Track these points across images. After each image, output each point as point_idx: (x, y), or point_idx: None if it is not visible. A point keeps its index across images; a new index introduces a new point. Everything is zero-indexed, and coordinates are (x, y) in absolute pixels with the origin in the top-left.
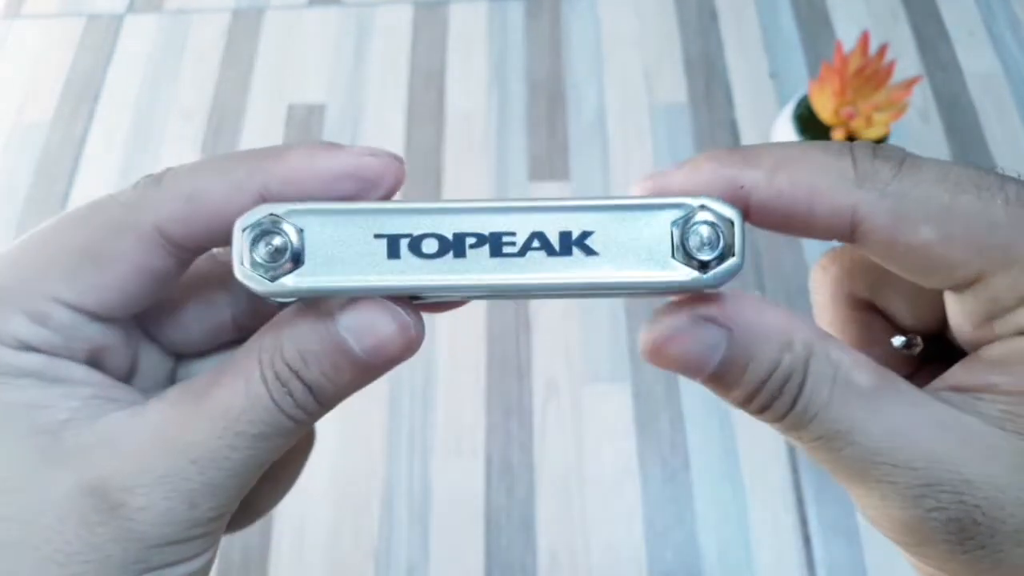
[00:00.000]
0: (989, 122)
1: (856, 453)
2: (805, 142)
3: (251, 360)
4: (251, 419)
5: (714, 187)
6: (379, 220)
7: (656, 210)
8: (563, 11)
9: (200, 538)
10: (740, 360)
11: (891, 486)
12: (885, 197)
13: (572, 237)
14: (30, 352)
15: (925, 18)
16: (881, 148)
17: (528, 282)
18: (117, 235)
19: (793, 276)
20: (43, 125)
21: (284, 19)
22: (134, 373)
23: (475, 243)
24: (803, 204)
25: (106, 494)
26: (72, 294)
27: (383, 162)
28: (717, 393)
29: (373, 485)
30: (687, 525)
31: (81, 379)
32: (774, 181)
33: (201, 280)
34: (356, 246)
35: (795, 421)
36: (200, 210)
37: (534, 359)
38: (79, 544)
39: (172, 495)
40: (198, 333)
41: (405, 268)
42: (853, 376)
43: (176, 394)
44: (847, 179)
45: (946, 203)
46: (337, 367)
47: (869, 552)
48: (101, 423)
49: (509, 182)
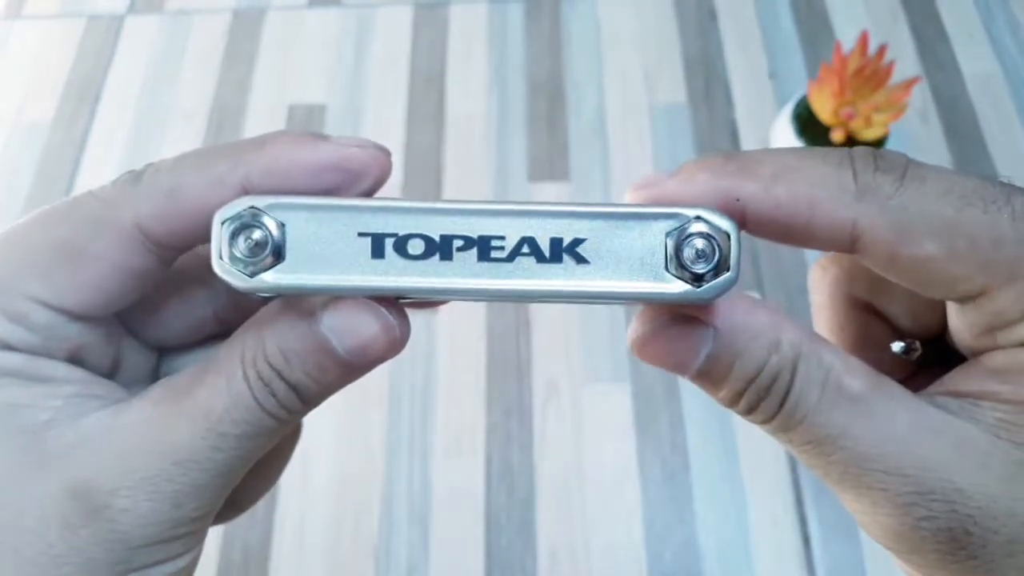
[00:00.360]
0: (988, 123)
1: (845, 458)
2: (803, 149)
3: (233, 359)
4: (234, 419)
5: (709, 199)
6: (364, 218)
7: (650, 219)
8: (563, 11)
9: (184, 537)
10: (726, 358)
11: (881, 493)
12: (887, 212)
13: (563, 244)
14: (9, 351)
15: (924, 19)
16: (882, 157)
17: (515, 288)
18: (95, 232)
19: (793, 275)
20: (44, 126)
21: (284, 20)
22: (117, 368)
23: (462, 246)
24: (802, 218)
25: (89, 496)
26: (49, 293)
27: (369, 153)
28: (706, 391)
29: (373, 485)
30: (687, 525)
31: (63, 377)
32: (771, 193)
33: (180, 275)
34: (339, 244)
35: (783, 424)
36: (180, 206)
37: (534, 359)
38: (62, 547)
39: (155, 496)
40: (179, 328)
41: (389, 268)
42: (844, 380)
43: (158, 393)
44: (847, 192)
45: (951, 218)
46: (320, 367)
47: (869, 552)
48: (84, 422)
49: (509, 182)
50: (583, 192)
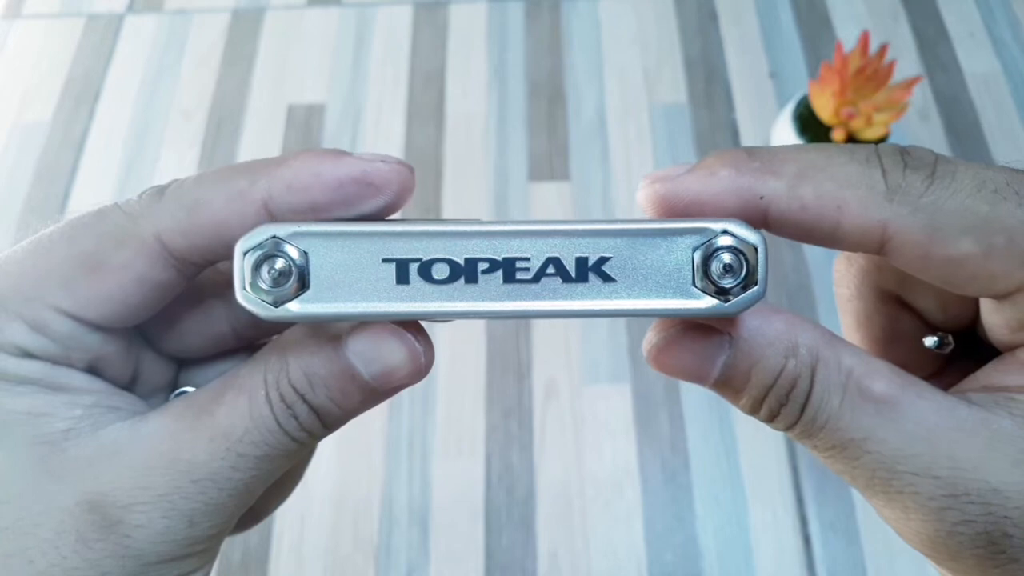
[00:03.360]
0: (989, 122)
1: (872, 462)
2: (828, 145)
3: (256, 380)
4: (254, 440)
5: (731, 197)
6: (387, 244)
7: (676, 235)
8: (563, 11)
9: (199, 554)
10: (744, 366)
11: (912, 497)
12: (919, 211)
13: (588, 263)
14: (30, 359)
15: (925, 18)
16: (910, 154)
17: (542, 309)
18: (118, 244)
19: (793, 275)
20: (43, 125)
21: (284, 19)
22: (136, 380)
23: (487, 268)
24: (829, 220)
25: (105, 510)
26: (71, 303)
27: (392, 167)
28: (727, 399)
29: (373, 485)
30: (687, 525)
31: (82, 387)
32: (797, 192)
33: (200, 289)
34: (363, 270)
35: (806, 430)
36: (202, 220)
37: (534, 359)
38: (75, 559)
39: (171, 514)
40: (198, 342)
41: (414, 294)
42: (865, 382)
43: (179, 409)
44: (877, 192)
45: (986, 214)
46: (345, 392)
47: (869, 552)
48: (102, 434)
49: (509, 182)
50: (583, 191)
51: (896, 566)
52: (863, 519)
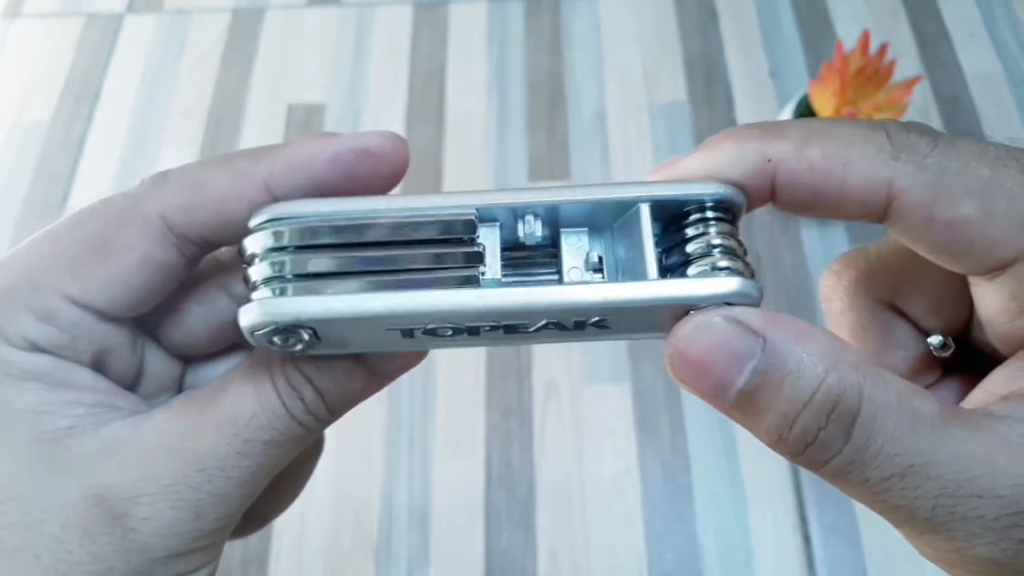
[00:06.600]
0: (989, 122)
1: (936, 489)
2: (831, 119)
3: (260, 368)
4: (261, 424)
5: (737, 166)
6: (392, 320)
7: (672, 303)
8: (563, 11)
9: (204, 549)
10: (775, 375)
11: (978, 521)
12: (924, 170)
13: (586, 324)
14: (38, 353)
15: (925, 18)
16: (913, 123)
17: (539, 342)
18: (122, 224)
19: (793, 276)
20: (43, 124)
21: (284, 19)
22: (140, 380)
23: (490, 328)
24: (836, 178)
25: (110, 503)
26: (78, 289)
27: (385, 135)
28: (745, 424)
29: (373, 485)
30: (687, 525)
31: (86, 384)
32: (805, 153)
33: (202, 279)
34: (370, 335)
35: (854, 457)
36: (204, 198)
37: (534, 359)
38: (81, 554)
39: (178, 504)
40: (202, 334)
41: (419, 343)
42: (916, 403)
43: (181, 403)
44: (883, 151)
45: (988, 177)
46: (350, 374)
47: (869, 553)
48: (105, 431)
49: (509, 181)
50: None
51: (896, 567)
52: (864, 521)
